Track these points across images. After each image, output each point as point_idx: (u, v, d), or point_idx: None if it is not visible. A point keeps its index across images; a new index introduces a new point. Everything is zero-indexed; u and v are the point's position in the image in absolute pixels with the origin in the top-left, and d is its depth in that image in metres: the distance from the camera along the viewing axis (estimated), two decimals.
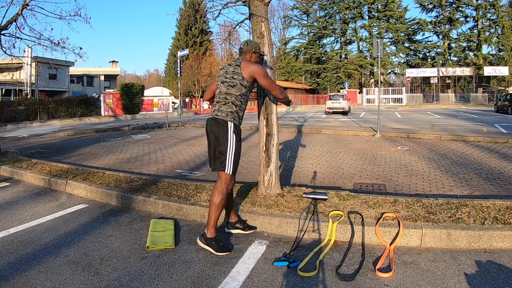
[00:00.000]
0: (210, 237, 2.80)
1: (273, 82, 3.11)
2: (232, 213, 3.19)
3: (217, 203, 2.80)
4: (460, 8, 39.67)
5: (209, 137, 2.93)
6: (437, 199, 3.48)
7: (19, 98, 25.05)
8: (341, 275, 2.40)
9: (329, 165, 6.20)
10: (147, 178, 4.77)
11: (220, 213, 2.87)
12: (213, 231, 2.81)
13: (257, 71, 2.92)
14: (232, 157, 2.84)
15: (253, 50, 3.11)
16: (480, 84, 39.11)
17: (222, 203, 2.82)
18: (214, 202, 2.80)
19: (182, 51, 21.71)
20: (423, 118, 17.93)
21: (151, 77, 75.78)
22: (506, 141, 8.32)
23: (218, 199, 2.80)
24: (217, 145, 2.86)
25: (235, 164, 2.87)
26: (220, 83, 2.99)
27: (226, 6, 4.09)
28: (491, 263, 2.53)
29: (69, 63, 29.94)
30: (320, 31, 44.67)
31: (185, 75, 36.18)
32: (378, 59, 10.69)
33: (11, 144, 10.69)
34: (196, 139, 10.41)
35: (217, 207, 2.80)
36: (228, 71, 2.97)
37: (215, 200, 2.80)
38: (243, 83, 2.91)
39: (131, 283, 2.36)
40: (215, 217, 2.80)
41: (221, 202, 2.81)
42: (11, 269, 2.58)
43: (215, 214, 2.80)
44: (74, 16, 8.10)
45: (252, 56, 3.11)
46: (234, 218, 3.19)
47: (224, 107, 2.89)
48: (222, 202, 2.82)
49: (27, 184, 5.42)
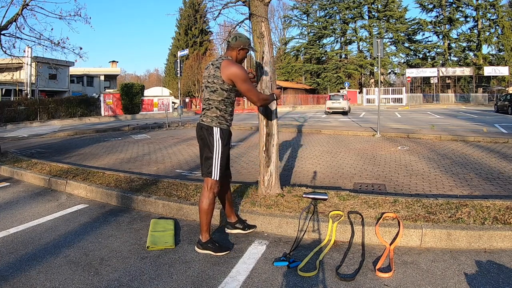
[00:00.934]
0: (205, 241, 2.80)
1: (252, 88, 2.86)
2: (232, 213, 3.18)
3: (205, 208, 2.78)
4: (460, 8, 39.67)
5: (199, 143, 2.95)
6: (437, 199, 3.48)
7: (19, 98, 25.06)
8: (341, 275, 2.40)
9: (329, 165, 6.20)
10: (147, 178, 4.77)
11: (211, 216, 2.85)
12: (207, 235, 2.81)
13: (236, 75, 2.72)
14: (218, 163, 2.80)
15: (242, 46, 2.87)
16: (480, 84, 39.10)
17: (211, 208, 2.81)
18: (202, 208, 2.79)
19: (182, 51, 21.73)
20: (423, 118, 17.93)
21: (151, 77, 75.80)
22: (506, 141, 8.32)
23: (206, 205, 2.78)
24: (204, 151, 2.86)
25: (222, 168, 2.84)
26: (204, 87, 2.92)
27: (226, 6, 4.10)
28: (491, 263, 2.53)
29: (69, 63, 29.95)
30: (320, 31, 44.67)
31: (185, 75, 36.18)
32: (378, 59, 10.69)
33: (11, 144, 10.69)
34: (196, 139, 10.40)
35: (206, 212, 2.79)
36: (210, 74, 2.84)
37: (203, 206, 2.78)
38: (224, 87, 2.77)
39: (131, 283, 2.36)
40: (206, 221, 2.79)
41: (209, 207, 2.79)
42: (11, 269, 2.58)
43: (205, 219, 2.79)
44: (74, 16, 8.11)
45: (239, 53, 2.90)
46: (234, 218, 3.19)
47: (208, 112, 2.84)
48: (211, 207, 2.80)
49: (27, 184, 5.42)
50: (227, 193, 3.12)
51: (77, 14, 8.12)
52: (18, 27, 7.68)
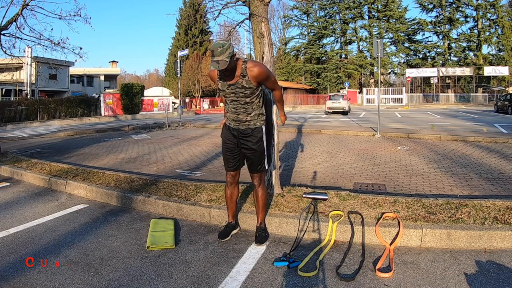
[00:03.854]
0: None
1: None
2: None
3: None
4: (460, 8, 39.67)
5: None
6: (437, 199, 3.48)
7: (19, 98, 25.05)
8: (341, 275, 2.40)
9: (329, 165, 6.20)
10: (147, 178, 4.77)
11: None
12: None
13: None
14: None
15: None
16: (480, 84, 39.10)
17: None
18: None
19: (182, 51, 21.73)
20: (423, 118, 17.93)
21: (151, 77, 75.82)
22: (506, 141, 8.33)
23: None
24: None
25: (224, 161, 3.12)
26: None
27: (226, 6, 4.10)
28: (491, 263, 2.53)
29: (69, 63, 29.95)
30: (320, 31, 44.66)
31: (185, 75, 36.16)
32: (378, 59, 10.70)
33: (11, 144, 10.69)
34: (196, 139, 10.42)
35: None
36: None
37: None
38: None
39: (131, 283, 2.36)
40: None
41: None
42: (11, 269, 2.58)
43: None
44: (74, 16, 8.11)
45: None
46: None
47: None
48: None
49: (27, 184, 5.42)
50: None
51: (77, 14, 8.13)
52: (18, 27, 7.69)
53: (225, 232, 3.08)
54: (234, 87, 2.78)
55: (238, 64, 2.73)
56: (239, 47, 48.42)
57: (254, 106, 2.87)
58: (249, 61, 2.77)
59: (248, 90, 2.76)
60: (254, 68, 2.72)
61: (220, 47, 2.54)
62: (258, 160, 2.97)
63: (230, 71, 2.69)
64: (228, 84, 2.79)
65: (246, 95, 2.79)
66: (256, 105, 2.88)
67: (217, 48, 2.55)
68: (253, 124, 2.90)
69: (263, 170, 3.04)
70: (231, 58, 2.60)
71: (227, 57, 2.54)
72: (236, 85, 2.77)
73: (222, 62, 2.53)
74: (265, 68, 2.82)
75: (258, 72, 2.72)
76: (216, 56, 2.55)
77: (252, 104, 2.85)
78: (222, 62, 2.53)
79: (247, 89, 2.76)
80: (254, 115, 2.89)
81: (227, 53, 2.54)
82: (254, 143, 2.91)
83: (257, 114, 2.90)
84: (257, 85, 2.80)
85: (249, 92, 2.77)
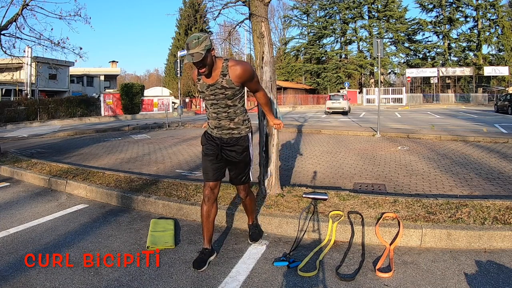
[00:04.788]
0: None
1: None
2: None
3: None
4: (460, 8, 39.65)
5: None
6: (437, 199, 3.48)
7: (19, 98, 25.05)
8: (341, 275, 2.40)
9: (329, 165, 6.20)
10: (147, 178, 4.77)
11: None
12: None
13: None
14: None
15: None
16: (480, 84, 39.10)
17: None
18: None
19: (182, 51, 21.69)
20: (423, 118, 17.93)
21: (151, 77, 75.77)
22: (506, 141, 8.33)
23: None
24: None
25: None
26: None
27: (226, 6, 4.10)
28: (491, 263, 2.53)
29: (69, 63, 29.89)
30: (320, 31, 44.65)
31: (185, 75, 36.12)
32: (378, 59, 10.70)
33: (11, 144, 10.69)
34: (196, 139, 10.41)
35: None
36: None
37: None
38: None
39: (131, 283, 2.36)
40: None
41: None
42: (11, 269, 2.58)
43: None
44: (74, 16, 8.12)
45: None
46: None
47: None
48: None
49: (27, 184, 5.42)
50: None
51: (77, 14, 8.14)
52: (18, 27, 7.70)
53: (200, 260, 2.58)
54: (213, 87, 2.49)
55: (218, 62, 2.47)
56: (239, 47, 48.37)
57: (237, 110, 2.57)
58: (230, 59, 2.52)
59: (229, 90, 2.47)
60: (237, 66, 2.45)
61: (195, 39, 2.32)
62: (243, 172, 2.72)
63: (209, 69, 2.42)
64: (207, 84, 2.51)
65: (227, 97, 2.50)
66: (240, 110, 2.59)
67: (192, 40, 2.32)
68: (237, 133, 2.61)
69: (248, 181, 2.81)
70: (208, 52, 2.35)
71: (203, 50, 2.30)
72: (216, 85, 2.48)
73: (197, 54, 2.29)
74: (249, 66, 2.54)
75: (241, 70, 2.45)
76: (191, 48, 2.31)
77: (234, 107, 2.56)
78: (197, 55, 2.29)
79: (228, 90, 2.47)
80: (237, 121, 2.59)
81: (202, 45, 2.31)
82: (239, 154, 2.64)
83: (241, 120, 2.61)
84: (239, 86, 2.50)
85: (230, 93, 2.48)
